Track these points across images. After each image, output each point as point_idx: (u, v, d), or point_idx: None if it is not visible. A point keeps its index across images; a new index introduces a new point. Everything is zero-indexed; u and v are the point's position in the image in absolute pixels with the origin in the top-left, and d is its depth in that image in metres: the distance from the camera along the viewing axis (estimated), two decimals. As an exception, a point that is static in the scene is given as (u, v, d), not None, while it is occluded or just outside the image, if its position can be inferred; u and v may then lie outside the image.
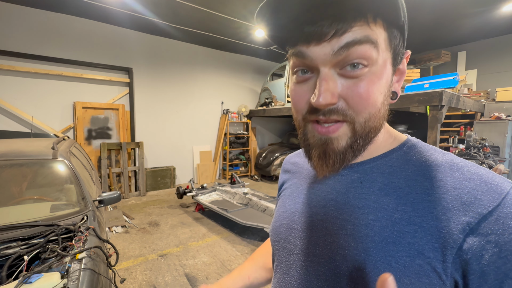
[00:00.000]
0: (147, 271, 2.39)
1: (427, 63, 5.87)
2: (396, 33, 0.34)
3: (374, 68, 0.32)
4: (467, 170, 0.33)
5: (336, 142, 0.35)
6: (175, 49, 5.65)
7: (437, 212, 0.31)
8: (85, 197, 1.64)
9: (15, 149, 1.79)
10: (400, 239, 0.32)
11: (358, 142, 0.35)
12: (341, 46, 0.31)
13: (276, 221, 0.49)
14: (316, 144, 0.36)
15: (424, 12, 4.24)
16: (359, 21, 0.31)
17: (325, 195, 0.42)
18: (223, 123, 6.36)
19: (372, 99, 0.33)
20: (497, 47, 5.38)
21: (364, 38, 0.31)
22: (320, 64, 0.33)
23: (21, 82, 4.07)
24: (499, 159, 3.79)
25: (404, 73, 0.38)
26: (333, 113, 0.33)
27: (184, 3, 3.89)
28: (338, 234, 0.37)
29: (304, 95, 0.35)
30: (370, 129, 0.35)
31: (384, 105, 0.35)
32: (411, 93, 3.01)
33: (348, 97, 0.33)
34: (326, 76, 0.33)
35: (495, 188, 0.30)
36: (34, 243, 1.14)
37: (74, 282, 0.96)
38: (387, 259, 0.32)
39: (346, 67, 0.32)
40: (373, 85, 0.32)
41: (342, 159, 0.36)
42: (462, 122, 5.09)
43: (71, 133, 4.54)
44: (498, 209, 0.28)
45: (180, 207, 4.25)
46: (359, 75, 0.32)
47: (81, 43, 4.52)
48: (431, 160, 0.36)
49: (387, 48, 0.34)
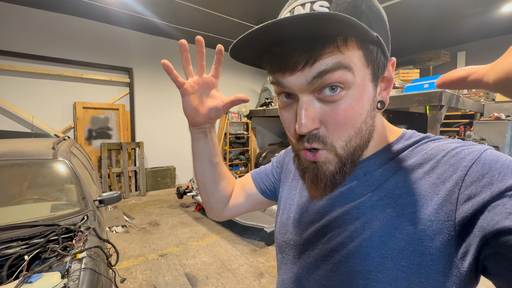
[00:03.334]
0: (147, 271, 2.40)
1: (426, 63, 5.87)
2: (372, 47, 0.33)
3: (352, 90, 0.33)
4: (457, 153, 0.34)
5: (325, 167, 0.36)
6: (175, 49, 5.65)
7: (432, 198, 0.32)
8: (85, 197, 1.64)
9: (16, 149, 1.79)
10: (402, 211, 0.34)
11: (345, 165, 0.36)
12: (314, 76, 0.31)
13: (283, 214, 0.51)
14: (308, 168, 0.38)
15: (424, 12, 4.24)
16: (328, 47, 0.31)
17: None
18: (223, 123, 6.36)
19: (350, 122, 0.34)
20: (497, 47, 5.38)
21: (335, 65, 0.31)
22: (297, 91, 0.34)
23: (21, 82, 4.07)
24: (499, 159, 3.79)
25: (391, 80, 0.38)
26: (314, 140, 0.35)
27: (184, 3, 3.89)
28: (345, 220, 0.39)
29: (291, 121, 0.37)
30: (354, 148, 0.36)
31: (367, 122, 0.35)
32: (411, 93, 3.01)
33: (327, 123, 0.34)
34: (305, 103, 0.33)
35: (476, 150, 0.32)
36: (35, 243, 1.14)
37: (74, 282, 0.96)
38: (392, 231, 0.34)
39: (324, 90, 0.33)
40: (351, 109, 0.33)
41: (332, 182, 0.37)
42: (461, 122, 5.09)
43: (71, 133, 4.54)
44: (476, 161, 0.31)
45: (180, 207, 4.25)
46: (337, 99, 0.33)
47: (81, 43, 4.52)
48: (430, 149, 0.37)
49: (365, 65, 0.33)
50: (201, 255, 2.69)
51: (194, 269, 2.44)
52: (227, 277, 2.32)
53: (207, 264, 2.52)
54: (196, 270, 2.43)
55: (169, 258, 2.64)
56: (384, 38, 0.34)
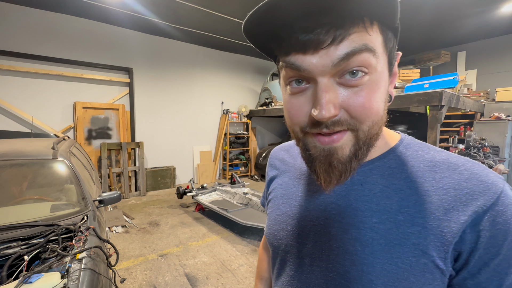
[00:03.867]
0: (147, 271, 2.40)
1: (427, 63, 5.87)
2: (391, 35, 0.33)
3: (374, 75, 0.31)
4: (464, 170, 0.34)
5: (340, 151, 0.33)
6: (175, 49, 5.65)
7: (438, 213, 0.32)
8: (85, 197, 1.64)
9: (16, 149, 1.79)
10: (405, 240, 0.33)
11: (362, 149, 0.33)
12: (340, 58, 0.29)
13: (273, 225, 0.48)
14: (319, 156, 0.34)
15: (424, 12, 4.24)
16: (357, 26, 0.29)
17: (324, 198, 0.41)
18: (223, 123, 6.36)
19: (375, 107, 0.32)
20: (497, 47, 5.38)
21: (363, 46, 0.29)
22: (318, 75, 0.31)
23: (21, 82, 4.07)
24: (498, 159, 3.79)
25: (396, 74, 0.37)
26: (336, 125, 0.31)
27: (184, 3, 3.89)
28: (343, 239, 0.37)
29: (302, 107, 0.33)
30: (372, 135, 0.34)
31: (384, 112, 0.34)
32: (411, 93, 3.01)
33: (350, 107, 0.31)
34: (326, 87, 0.31)
35: (491, 187, 0.32)
36: (34, 243, 1.14)
37: (74, 282, 0.96)
38: (394, 260, 0.33)
39: (345, 75, 0.31)
40: (374, 94, 0.31)
41: (348, 169, 0.34)
42: (462, 122, 5.09)
43: (71, 133, 4.54)
44: (492, 207, 0.31)
45: (180, 207, 4.25)
46: (360, 84, 0.31)
47: (81, 43, 4.52)
48: (428, 160, 0.37)
49: (384, 52, 0.32)
50: (201, 255, 2.69)
51: (194, 269, 2.44)
52: (227, 277, 2.32)
53: (207, 264, 2.52)
54: (196, 270, 2.43)
55: (169, 258, 2.64)
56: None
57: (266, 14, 0.29)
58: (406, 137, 0.42)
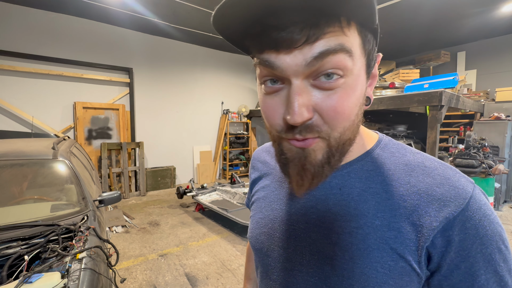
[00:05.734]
0: (147, 271, 2.40)
1: (426, 63, 5.87)
2: (370, 37, 0.32)
3: (350, 78, 0.30)
4: (437, 174, 0.35)
5: (313, 155, 0.32)
6: (175, 49, 5.66)
7: (412, 218, 0.33)
8: (85, 197, 1.64)
9: (16, 149, 1.79)
10: (383, 245, 0.34)
11: (334, 156, 0.33)
12: (314, 57, 0.28)
13: (255, 228, 0.48)
14: (294, 158, 0.33)
15: (424, 12, 4.24)
16: (333, 26, 0.28)
17: (304, 202, 0.41)
18: (223, 123, 6.36)
19: (347, 112, 0.31)
20: (497, 47, 5.38)
21: (339, 46, 0.28)
22: (291, 75, 0.29)
23: (21, 82, 4.08)
24: (498, 159, 3.79)
25: (376, 76, 0.37)
26: (308, 130, 0.31)
27: (184, 3, 3.89)
28: (323, 244, 0.37)
29: (277, 108, 0.32)
30: (345, 141, 0.33)
31: (358, 116, 0.34)
32: (411, 93, 3.01)
33: (323, 111, 0.30)
34: (299, 89, 0.30)
35: (461, 193, 0.33)
36: (35, 243, 1.14)
37: (74, 282, 0.96)
38: (373, 265, 0.34)
39: (320, 77, 0.29)
40: (348, 98, 0.30)
41: (320, 173, 0.33)
42: (461, 122, 5.09)
43: (71, 133, 4.54)
44: (462, 213, 0.32)
45: (180, 207, 4.25)
46: (334, 87, 0.30)
47: (81, 43, 4.52)
48: (404, 163, 0.38)
49: (362, 54, 0.31)
50: (201, 255, 2.69)
51: (194, 269, 2.44)
52: (227, 277, 2.32)
53: (207, 264, 2.52)
54: (196, 270, 2.43)
55: (169, 258, 2.64)
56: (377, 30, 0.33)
57: (237, 7, 0.27)
58: (384, 137, 0.42)
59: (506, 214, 3.90)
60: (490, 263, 0.31)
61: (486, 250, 0.31)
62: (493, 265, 0.32)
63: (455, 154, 3.48)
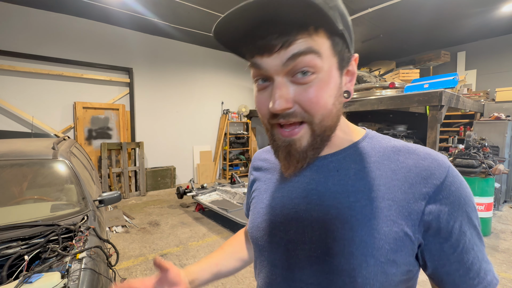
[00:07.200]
0: (147, 271, 2.40)
1: (426, 63, 5.87)
2: (338, 40, 0.38)
3: (321, 74, 0.37)
4: (420, 152, 0.41)
5: (298, 143, 0.40)
6: (175, 49, 5.66)
7: (404, 187, 0.39)
8: (85, 197, 1.64)
9: (16, 149, 1.79)
10: (378, 213, 0.39)
11: (316, 140, 0.40)
12: (288, 58, 0.35)
13: (257, 218, 0.51)
14: (282, 145, 0.41)
15: (424, 12, 4.24)
16: (302, 33, 0.35)
17: (304, 186, 0.45)
18: (223, 123, 6.36)
19: (322, 102, 0.37)
20: (497, 47, 5.39)
21: (307, 49, 0.35)
22: (273, 73, 0.37)
23: (21, 82, 4.08)
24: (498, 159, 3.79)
25: (354, 73, 0.43)
26: (291, 116, 0.38)
27: (184, 3, 3.90)
28: (325, 220, 0.41)
29: (264, 101, 0.40)
30: (326, 128, 0.40)
31: (336, 106, 0.39)
32: (411, 93, 3.01)
33: (301, 101, 0.37)
34: (279, 84, 0.37)
35: (442, 164, 0.39)
36: (35, 243, 1.14)
37: (74, 282, 0.96)
38: (370, 232, 0.38)
39: (297, 74, 0.36)
40: (321, 90, 0.37)
41: (304, 157, 0.41)
42: (461, 122, 5.09)
43: (71, 133, 4.54)
44: (446, 180, 0.38)
45: (180, 207, 4.25)
46: (308, 81, 0.37)
47: (81, 43, 4.52)
48: (391, 146, 0.44)
49: (332, 55, 0.38)
50: (201, 255, 2.69)
51: (194, 269, 2.44)
52: (227, 277, 2.32)
53: (207, 264, 2.52)
54: (196, 270, 2.43)
55: (169, 258, 2.64)
56: (348, 34, 0.39)
57: (230, 23, 0.35)
58: (371, 131, 0.48)
59: (506, 214, 3.90)
60: (470, 220, 0.38)
61: (467, 209, 0.38)
62: (472, 221, 0.38)
63: (455, 154, 3.48)
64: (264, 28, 0.35)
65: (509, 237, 3.11)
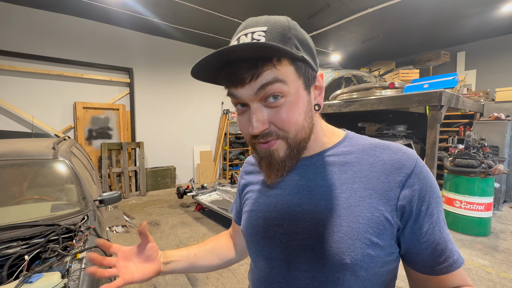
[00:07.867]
0: (147, 271, 2.39)
1: (426, 64, 5.87)
2: (301, 64, 0.43)
3: (290, 97, 0.42)
4: (393, 147, 0.48)
5: (276, 153, 0.45)
6: (175, 49, 5.66)
7: (382, 178, 0.45)
8: (85, 197, 1.64)
9: (16, 149, 1.79)
10: (362, 202, 0.44)
11: (293, 151, 0.45)
12: (258, 88, 0.41)
13: (251, 216, 0.55)
14: (264, 156, 0.46)
15: (424, 12, 4.25)
16: (267, 65, 0.40)
17: (296, 183, 0.50)
18: (223, 123, 6.36)
19: (293, 120, 0.43)
20: (497, 47, 5.39)
21: (273, 79, 0.40)
22: (248, 101, 0.43)
23: (21, 82, 4.08)
24: (498, 159, 3.79)
25: (322, 88, 0.49)
26: (268, 135, 0.44)
27: (184, 3, 3.90)
28: (315, 211, 0.47)
29: (246, 124, 0.45)
30: (300, 140, 0.45)
31: (307, 120, 0.45)
32: (411, 93, 3.01)
33: (275, 122, 0.43)
34: (255, 109, 0.43)
35: (411, 156, 0.46)
36: (35, 242, 1.14)
37: (74, 281, 0.96)
38: (355, 218, 0.43)
39: (268, 99, 0.42)
40: (290, 110, 0.42)
41: (283, 167, 0.46)
42: (461, 122, 5.09)
43: (71, 133, 4.54)
44: (415, 169, 0.44)
45: (180, 207, 4.25)
46: (279, 104, 0.42)
47: (81, 43, 4.52)
48: (368, 144, 0.50)
49: (297, 78, 0.43)
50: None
51: (194, 269, 2.44)
52: (227, 277, 2.32)
53: (207, 264, 2.52)
54: (196, 270, 2.43)
55: (169, 258, 2.64)
56: (310, 57, 0.44)
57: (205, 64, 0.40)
58: (350, 132, 0.55)
59: (506, 214, 3.90)
60: (437, 203, 0.45)
61: (434, 194, 0.44)
62: (439, 205, 0.45)
63: (455, 154, 3.48)
64: (234, 65, 0.40)
65: (509, 237, 3.11)
